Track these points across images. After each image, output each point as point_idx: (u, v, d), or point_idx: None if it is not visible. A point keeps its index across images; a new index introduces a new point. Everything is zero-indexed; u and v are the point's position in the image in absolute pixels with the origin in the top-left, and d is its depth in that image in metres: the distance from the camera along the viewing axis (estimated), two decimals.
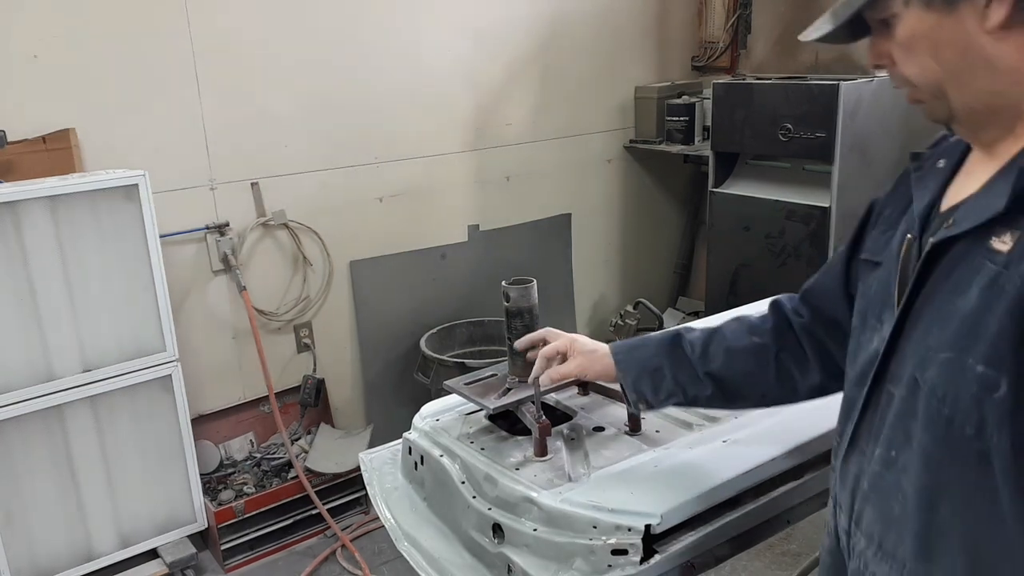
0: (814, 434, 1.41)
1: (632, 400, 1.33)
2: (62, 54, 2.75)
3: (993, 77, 0.90)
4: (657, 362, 1.31)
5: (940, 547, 0.93)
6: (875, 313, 1.06)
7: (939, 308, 0.93)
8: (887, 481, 0.99)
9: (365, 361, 3.59)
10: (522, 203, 3.91)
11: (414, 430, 1.56)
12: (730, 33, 4.09)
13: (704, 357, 1.30)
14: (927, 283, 0.95)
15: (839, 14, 0.98)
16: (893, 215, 1.11)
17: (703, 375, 1.29)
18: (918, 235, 1.00)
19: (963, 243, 0.92)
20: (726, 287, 3.51)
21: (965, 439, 0.88)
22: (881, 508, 1.00)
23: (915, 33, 0.92)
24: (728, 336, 1.31)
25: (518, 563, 1.24)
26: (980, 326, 0.86)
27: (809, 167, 3.22)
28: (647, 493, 1.24)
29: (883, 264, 1.08)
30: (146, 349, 2.72)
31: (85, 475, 2.69)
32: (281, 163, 3.24)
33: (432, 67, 3.51)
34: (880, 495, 1.00)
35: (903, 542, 0.96)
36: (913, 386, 0.94)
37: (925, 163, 1.08)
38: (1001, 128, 0.93)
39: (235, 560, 3.03)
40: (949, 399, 0.89)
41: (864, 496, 1.03)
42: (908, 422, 0.95)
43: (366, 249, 3.50)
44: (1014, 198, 0.87)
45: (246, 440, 3.36)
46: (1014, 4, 0.85)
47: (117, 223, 2.60)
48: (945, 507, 0.92)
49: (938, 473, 0.92)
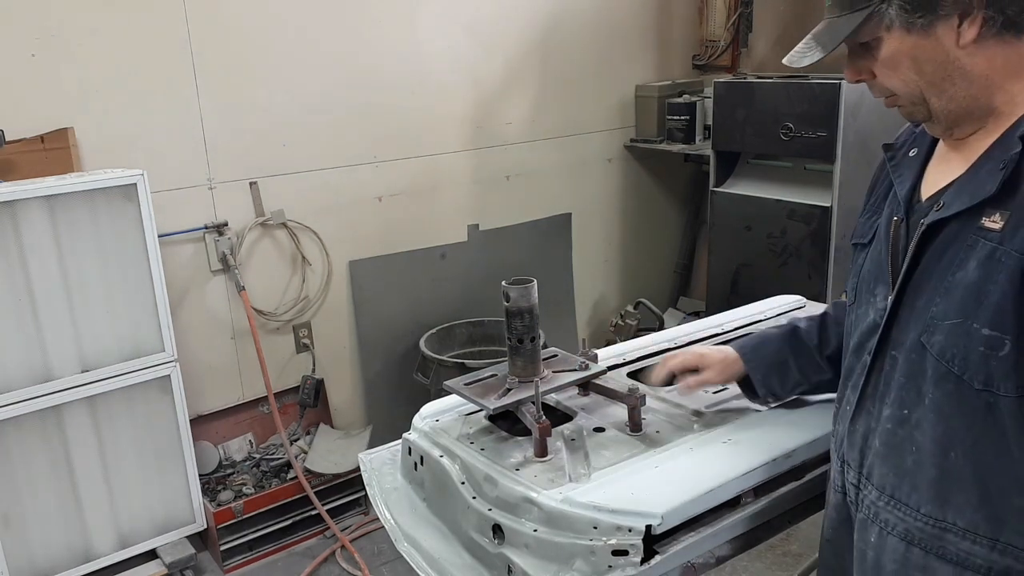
0: (815, 435, 1.41)
1: (762, 394, 1.47)
2: (60, 53, 2.74)
3: (969, 84, 1.05)
4: (782, 356, 1.46)
5: (954, 488, 1.06)
6: (868, 288, 1.20)
7: (938, 281, 1.06)
8: (899, 437, 1.12)
9: (364, 361, 3.58)
10: (522, 203, 3.90)
11: (414, 430, 1.55)
12: (731, 31, 4.09)
13: (821, 343, 1.46)
14: (922, 260, 1.09)
15: (826, 43, 1.10)
16: (876, 201, 1.27)
17: (822, 359, 1.44)
18: (904, 217, 1.15)
19: (954, 223, 1.06)
20: (727, 287, 3.51)
21: (974, 392, 1.02)
22: (894, 462, 1.13)
23: (898, 52, 1.06)
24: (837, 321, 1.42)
25: (518, 564, 1.23)
26: (982, 294, 1.00)
27: (810, 166, 3.21)
28: (648, 494, 1.24)
29: (872, 244, 1.22)
30: (144, 349, 2.71)
31: (84, 475, 2.68)
32: (280, 162, 3.23)
33: (432, 66, 3.51)
34: (892, 450, 1.13)
35: (917, 490, 1.10)
36: (919, 350, 1.08)
37: (898, 152, 1.24)
38: (974, 125, 1.09)
39: (234, 561, 3.03)
40: (958, 359, 1.03)
41: (875, 453, 1.16)
42: (918, 382, 1.08)
43: (365, 249, 3.50)
44: (1003, 184, 1.00)
45: (245, 440, 3.36)
46: (983, 22, 1.01)
47: (115, 223, 2.59)
48: (957, 452, 1.05)
49: (950, 424, 1.05)
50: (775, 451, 1.36)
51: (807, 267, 3.19)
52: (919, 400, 1.08)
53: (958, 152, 1.11)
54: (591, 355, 1.58)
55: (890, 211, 1.19)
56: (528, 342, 1.48)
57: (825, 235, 3.12)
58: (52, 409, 2.58)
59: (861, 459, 1.18)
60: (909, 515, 1.11)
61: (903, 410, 1.10)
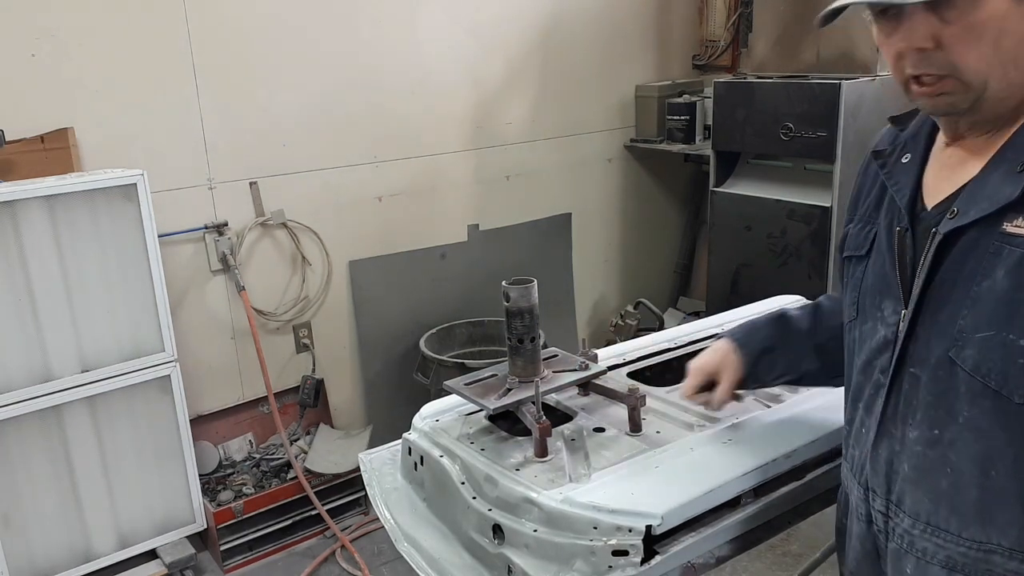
0: (815, 435, 1.41)
1: (748, 381, 1.42)
2: (60, 53, 2.74)
3: None
4: (770, 342, 1.41)
5: (997, 508, 1.00)
6: (874, 303, 1.12)
7: (963, 292, 0.99)
8: (931, 459, 1.04)
9: (364, 361, 3.58)
10: (522, 203, 3.90)
11: (414, 430, 1.55)
12: (731, 31, 4.09)
13: (813, 330, 1.41)
14: (939, 270, 1.02)
15: None
16: (867, 211, 1.19)
17: (812, 347, 1.39)
18: (908, 226, 1.08)
19: (973, 231, 0.99)
20: (727, 287, 3.51)
21: (1015, 407, 0.96)
22: (927, 486, 1.05)
23: (992, 18, 0.94)
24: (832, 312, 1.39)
25: (518, 564, 1.23)
26: (1016, 303, 0.94)
27: (810, 166, 3.21)
28: (648, 494, 1.24)
29: (871, 256, 1.15)
30: (144, 349, 2.71)
31: (84, 475, 2.68)
32: (280, 162, 3.23)
33: (432, 66, 3.51)
34: (924, 474, 1.05)
35: (957, 513, 1.03)
36: (947, 366, 1.01)
37: (888, 159, 1.16)
38: (1007, 123, 1.00)
39: (234, 561, 3.03)
40: (995, 373, 0.96)
41: (904, 478, 1.08)
42: (949, 400, 1.01)
43: (365, 249, 3.50)
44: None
45: (245, 440, 3.36)
46: None
47: (115, 223, 2.59)
48: (998, 470, 0.99)
49: (990, 441, 0.99)
50: (775, 451, 1.36)
51: (807, 267, 3.19)
52: (951, 419, 1.02)
53: (964, 156, 1.05)
54: (591, 355, 1.58)
55: (889, 220, 1.13)
56: (528, 342, 1.47)
57: (825, 235, 3.11)
58: (52, 409, 2.58)
59: (888, 485, 1.11)
60: (950, 541, 1.04)
61: (933, 430, 1.04)
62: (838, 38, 3.06)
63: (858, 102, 2.97)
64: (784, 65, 3.26)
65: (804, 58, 3.19)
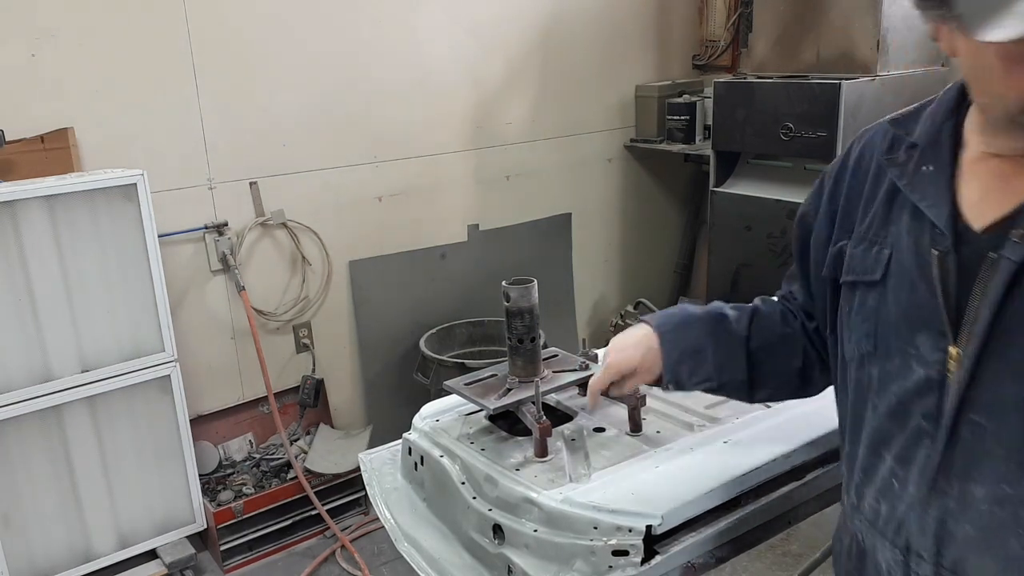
0: (815, 435, 1.41)
1: (666, 380, 1.31)
2: (60, 53, 2.74)
3: None
4: (701, 343, 1.28)
5: None
6: (901, 337, 0.99)
7: None
8: (999, 519, 0.92)
9: (364, 361, 3.58)
10: (522, 203, 3.90)
11: (414, 430, 1.55)
12: (731, 31, 4.09)
13: (748, 337, 1.28)
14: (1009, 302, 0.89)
15: None
16: (871, 228, 1.05)
17: (744, 355, 1.27)
18: (951, 248, 0.94)
19: None
20: (727, 287, 3.50)
21: None
22: (997, 549, 0.93)
23: None
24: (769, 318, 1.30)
25: (518, 564, 1.23)
26: None
27: (810, 166, 3.20)
28: (648, 494, 1.24)
29: (887, 282, 1.01)
30: (144, 349, 2.71)
31: (83, 475, 2.68)
32: (280, 162, 3.23)
33: (432, 66, 3.51)
34: (993, 535, 0.93)
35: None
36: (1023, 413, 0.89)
37: (904, 168, 1.02)
38: None
39: (234, 561, 3.03)
40: None
41: (965, 540, 0.95)
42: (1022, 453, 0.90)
43: (365, 249, 3.50)
44: None
45: (245, 440, 3.36)
46: None
47: (115, 223, 2.59)
48: None
49: None
50: (775, 451, 1.35)
51: None
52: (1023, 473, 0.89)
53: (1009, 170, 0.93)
54: (591, 355, 1.58)
55: (914, 241, 0.98)
56: (528, 342, 1.47)
57: None
58: (52, 409, 2.58)
59: (938, 548, 0.97)
60: None
61: (1001, 486, 0.91)
62: (838, 38, 3.06)
63: (858, 102, 2.97)
64: (784, 65, 3.26)
65: (804, 58, 3.19)
